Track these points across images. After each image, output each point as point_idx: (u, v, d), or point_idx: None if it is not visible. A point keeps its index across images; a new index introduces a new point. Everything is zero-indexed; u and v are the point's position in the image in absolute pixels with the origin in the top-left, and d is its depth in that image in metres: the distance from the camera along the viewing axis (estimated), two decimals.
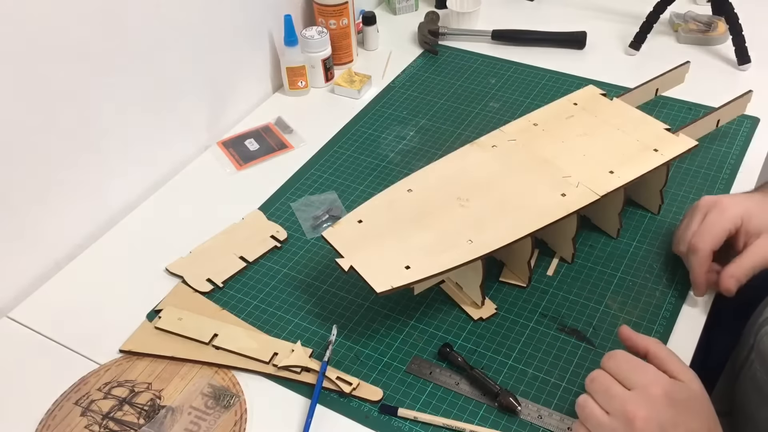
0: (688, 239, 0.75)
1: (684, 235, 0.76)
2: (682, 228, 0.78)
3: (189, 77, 1.00)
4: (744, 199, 0.75)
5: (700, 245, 0.74)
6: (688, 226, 0.76)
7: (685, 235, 0.76)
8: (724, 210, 0.73)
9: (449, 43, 1.25)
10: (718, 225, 0.73)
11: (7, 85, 0.76)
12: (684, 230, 0.77)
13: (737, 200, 0.74)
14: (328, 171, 0.99)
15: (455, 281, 0.81)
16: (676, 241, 0.79)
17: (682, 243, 0.77)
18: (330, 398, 0.71)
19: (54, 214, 0.86)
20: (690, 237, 0.75)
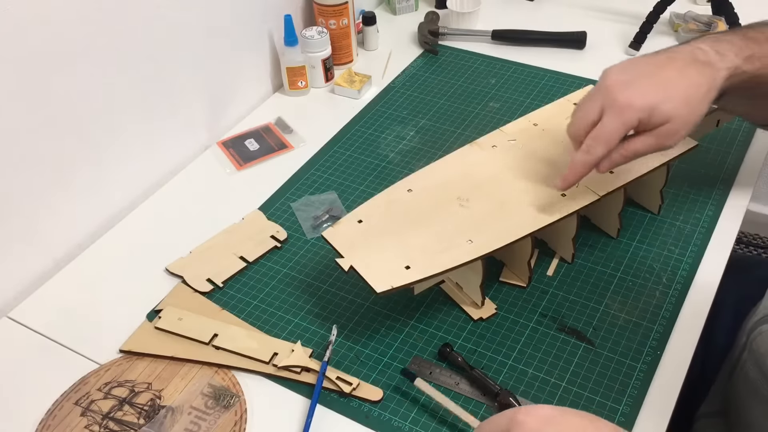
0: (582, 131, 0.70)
1: (578, 121, 0.70)
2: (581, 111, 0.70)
3: (189, 77, 1.00)
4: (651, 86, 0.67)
5: (592, 150, 0.69)
6: (584, 111, 0.70)
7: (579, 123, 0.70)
8: (622, 112, 0.67)
9: (449, 43, 1.25)
10: (613, 131, 0.67)
11: (8, 85, 0.76)
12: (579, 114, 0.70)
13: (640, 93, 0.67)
14: (328, 171, 0.99)
15: (455, 281, 0.81)
16: (571, 122, 0.72)
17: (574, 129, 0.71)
18: (330, 398, 0.71)
19: (54, 214, 0.86)
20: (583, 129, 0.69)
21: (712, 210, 0.88)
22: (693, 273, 0.81)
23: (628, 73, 0.69)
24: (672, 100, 0.67)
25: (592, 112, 0.69)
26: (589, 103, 0.69)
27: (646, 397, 0.70)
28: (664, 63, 0.69)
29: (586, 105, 0.70)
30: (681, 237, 0.85)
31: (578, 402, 0.70)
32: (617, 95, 0.67)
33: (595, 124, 0.69)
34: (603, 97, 0.68)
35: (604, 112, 0.68)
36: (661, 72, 0.68)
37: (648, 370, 0.72)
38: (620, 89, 0.67)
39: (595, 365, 0.73)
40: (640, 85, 0.67)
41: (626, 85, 0.67)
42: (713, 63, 0.69)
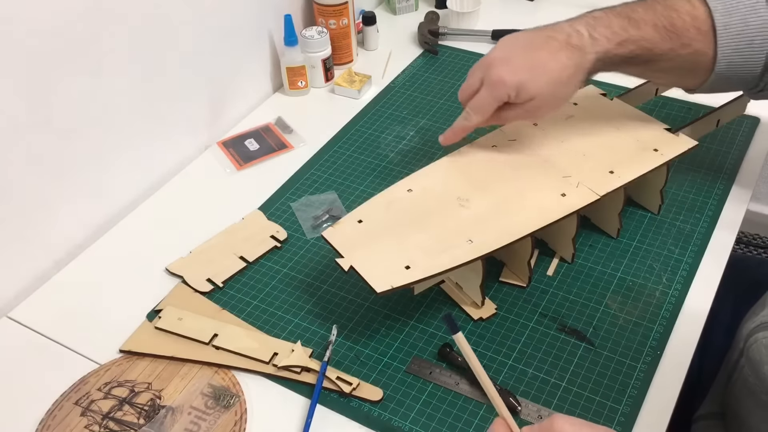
0: (465, 99, 0.79)
1: (463, 90, 0.79)
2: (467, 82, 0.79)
3: (189, 77, 1.00)
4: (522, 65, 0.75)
5: (469, 118, 0.78)
6: (468, 82, 0.78)
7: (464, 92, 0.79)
8: (494, 87, 0.75)
9: (449, 43, 1.25)
10: (487, 103, 0.76)
11: (8, 85, 0.76)
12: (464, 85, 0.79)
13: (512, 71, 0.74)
14: (328, 171, 0.99)
15: (455, 281, 0.81)
16: (461, 90, 0.80)
17: (461, 97, 0.80)
18: (330, 398, 0.71)
19: (54, 214, 0.86)
20: (466, 97, 0.79)
21: (712, 210, 0.88)
22: (693, 273, 0.81)
23: (509, 50, 0.76)
24: (538, 80, 0.74)
25: (475, 81, 0.78)
26: (475, 72, 0.78)
27: (646, 397, 0.70)
28: (541, 44, 0.75)
29: (472, 74, 0.78)
30: (681, 237, 0.85)
31: (578, 402, 0.70)
32: (492, 71, 0.75)
33: (477, 92, 0.77)
34: (483, 71, 0.76)
35: (482, 85, 0.77)
36: (536, 53, 0.75)
37: (648, 370, 0.72)
38: (497, 65, 0.75)
39: (595, 365, 0.73)
40: (514, 63, 0.75)
41: (503, 62, 0.75)
42: (584, 47, 0.74)
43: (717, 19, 0.73)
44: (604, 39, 0.74)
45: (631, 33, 0.74)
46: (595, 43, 0.74)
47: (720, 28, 0.74)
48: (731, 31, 0.74)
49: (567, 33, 0.75)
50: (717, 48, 0.74)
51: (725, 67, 0.75)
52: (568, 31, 0.75)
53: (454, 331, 0.57)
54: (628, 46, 0.75)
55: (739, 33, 0.74)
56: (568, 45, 0.74)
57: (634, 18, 0.75)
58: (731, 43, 0.74)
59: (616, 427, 0.67)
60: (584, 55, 0.74)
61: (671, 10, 0.75)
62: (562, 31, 0.76)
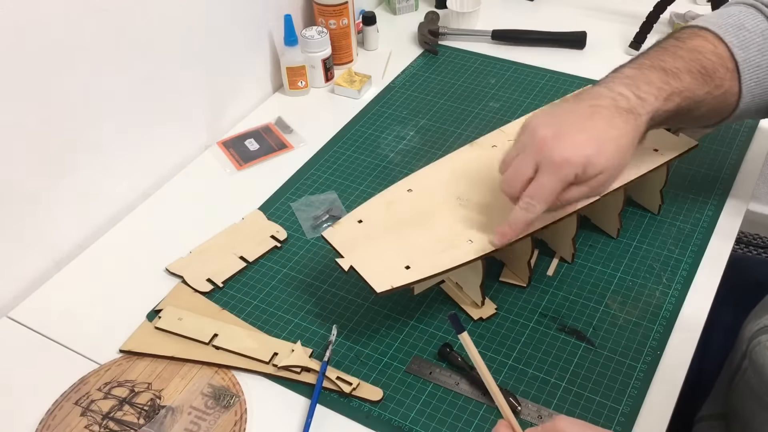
0: (519, 190, 0.68)
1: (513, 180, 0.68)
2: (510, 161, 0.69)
3: (189, 77, 1.00)
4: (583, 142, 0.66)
5: (532, 209, 0.67)
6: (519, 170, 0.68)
7: (515, 181, 0.68)
8: (559, 169, 0.65)
9: (449, 43, 1.25)
10: (552, 189, 0.66)
11: (8, 86, 0.76)
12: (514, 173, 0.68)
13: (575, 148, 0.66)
14: (328, 171, 0.99)
15: (455, 281, 0.81)
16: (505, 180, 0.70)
17: (510, 189, 0.69)
18: (330, 398, 0.71)
19: (54, 214, 0.86)
20: (520, 187, 0.68)
21: (712, 210, 0.88)
22: (693, 273, 0.81)
23: (557, 126, 0.67)
24: (605, 153, 0.66)
25: (527, 168, 0.67)
26: (523, 159, 0.68)
27: (646, 397, 0.70)
28: (590, 113, 0.68)
29: (519, 162, 0.68)
30: (681, 237, 0.85)
31: (578, 402, 0.70)
32: (552, 152, 0.66)
33: (530, 180, 0.67)
34: (536, 154, 0.67)
35: (539, 169, 0.67)
36: (590, 123, 0.67)
37: (648, 370, 0.72)
38: (554, 145, 0.66)
39: (595, 365, 0.73)
40: (572, 139, 0.66)
41: (559, 140, 0.66)
42: (635, 109, 0.68)
43: (737, 54, 0.72)
44: (651, 97, 0.69)
45: (673, 86, 0.70)
46: (645, 103, 0.69)
47: (741, 63, 0.72)
48: (751, 64, 0.72)
49: (611, 98, 0.68)
50: (741, 83, 0.72)
51: (750, 100, 0.73)
52: (610, 95, 0.69)
53: (459, 331, 0.57)
54: (674, 100, 0.70)
55: (758, 65, 0.72)
56: (619, 110, 0.68)
57: (670, 69, 0.70)
58: (753, 77, 0.72)
59: (616, 428, 0.67)
60: (638, 117, 0.68)
61: (696, 53, 0.71)
62: (604, 97, 0.69)
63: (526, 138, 0.69)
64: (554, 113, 0.70)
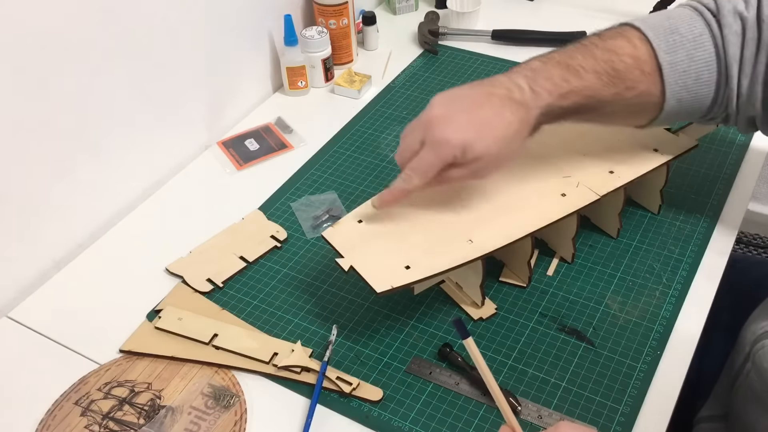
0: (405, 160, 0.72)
1: (402, 150, 0.72)
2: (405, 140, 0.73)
3: (189, 77, 1.00)
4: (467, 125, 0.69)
5: (410, 181, 0.71)
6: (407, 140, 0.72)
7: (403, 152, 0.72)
8: (439, 148, 0.69)
9: (449, 43, 1.25)
10: (430, 164, 0.69)
11: (7, 85, 0.76)
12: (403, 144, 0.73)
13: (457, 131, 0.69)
14: (328, 171, 0.99)
15: (455, 281, 0.81)
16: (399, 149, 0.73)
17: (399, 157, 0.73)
18: (330, 398, 0.71)
19: (54, 214, 0.86)
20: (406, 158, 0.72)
21: (712, 210, 0.88)
22: (693, 273, 0.81)
23: (448, 108, 0.71)
24: (484, 140, 0.69)
25: (415, 142, 0.71)
26: (413, 133, 0.72)
27: (646, 397, 0.70)
28: (482, 100, 0.70)
29: (410, 135, 0.72)
30: (681, 237, 0.85)
31: (578, 402, 0.70)
32: (435, 132, 0.69)
33: (417, 153, 0.71)
34: (424, 130, 0.70)
35: (424, 146, 0.70)
36: (479, 110, 0.70)
37: (648, 370, 0.72)
38: (440, 125, 0.69)
39: (595, 365, 0.73)
40: (458, 121, 0.69)
41: (446, 121, 0.69)
42: (527, 102, 0.70)
43: (662, 58, 0.70)
44: (545, 92, 0.70)
45: (573, 84, 0.70)
46: (537, 98, 0.70)
47: (666, 66, 0.71)
48: (677, 68, 0.71)
49: (507, 88, 0.70)
50: (665, 87, 0.71)
51: (675, 104, 0.72)
52: (507, 85, 0.70)
53: (464, 336, 0.57)
54: (571, 98, 0.71)
55: (685, 70, 0.71)
56: (511, 100, 0.69)
57: (574, 66, 0.71)
58: (679, 81, 0.71)
59: (616, 428, 0.67)
60: (528, 111, 0.70)
61: (611, 53, 0.71)
62: (501, 86, 0.71)
63: (422, 114, 0.72)
64: (453, 95, 0.73)
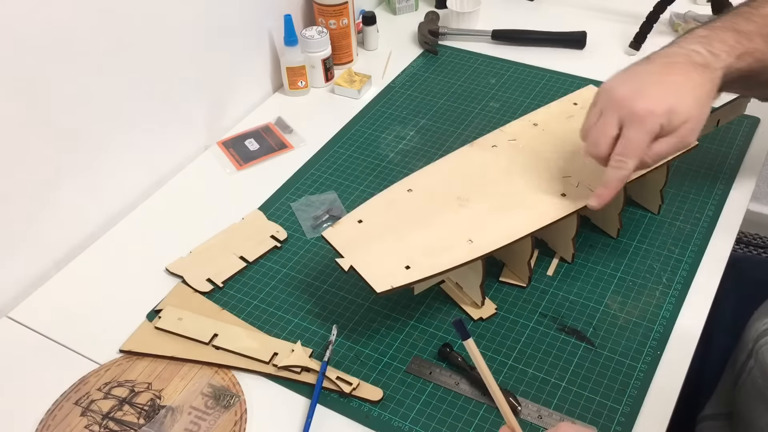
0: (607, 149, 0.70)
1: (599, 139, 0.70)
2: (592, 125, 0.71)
3: (189, 77, 1.00)
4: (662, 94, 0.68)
5: (624, 166, 0.69)
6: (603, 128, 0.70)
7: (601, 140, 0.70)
8: (644, 122, 0.67)
9: (449, 43, 1.25)
10: (641, 141, 0.68)
11: (7, 85, 0.76)
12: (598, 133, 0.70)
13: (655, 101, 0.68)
14: (328, 171, 0.99)
15: (455, 281, 0.81)
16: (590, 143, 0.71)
17: (598, 149, 0.70)
18: (330, 398, 0.71)
19: (54, 214, 0.86)
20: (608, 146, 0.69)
21: (712, 210, 0.88)
22: (693, 273, 0.81)
23: (634, 84, 0.69)
24: (685, 102, 0.68)
25: (611, 127, 0.69)
26: (605, 119, 0.69)
27: (646, 397, 0.70)
28: (665, 69, 0.70)
29: (602, 123, 0.70)
30: (681, 237, 0.85)
31: (578, 402, 0.70)
32: (634, 106, 0.67)
33: (616, 138, 0.69)
34: (618, 110, 0.68)
35: (624, 125, 0.68)
36: (667, 78, 0.69)
37: (648, 370, 0.72)
38: (635, 100, 0.68)
39: (595, 365, 0.73)
40: (651, 92, 0.68)
41: (638, 94, 0.68)
42: (710, 64, 0.70)
43: None
44: (724, 53, 0.71)
45: (746, 45, 0.71)
46: (718, 59, 0.70)
47: None
48: None
49: (685, 54, 0.71)
50: None
51: None
52: (683, 52, 0.71)
53: (464, 337, 0.57)
54: (746, 59, 0.72)
55: None
56: (695, 64, 0.70)
57: (742, 31, 0.72)
58: None
59: (616, 428, 0.67)
60: (714, 71, 0.70)
61: None
62: (678, 55, 0.71)
63: (603, 101, 0.70)
64: (627, 74, 0.71)
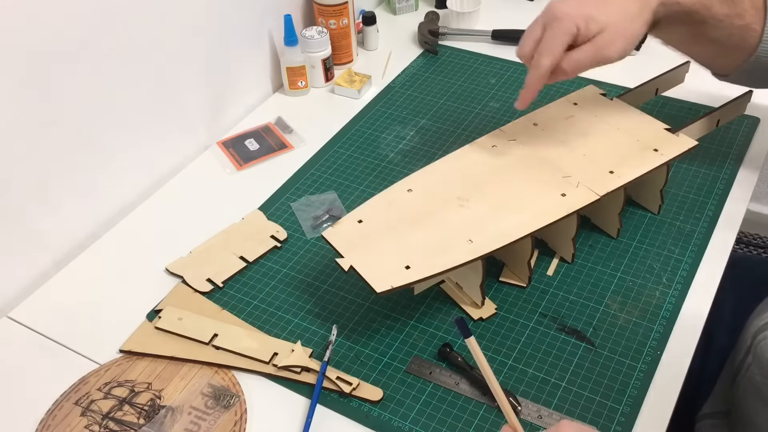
0: (529, 50, 0.75)
1: (523, 42, 0.76)
2: (526, 33, 0.77)
3: (189, 77, 1.00)
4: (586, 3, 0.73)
5: (538, 63, 0.74)
6: (528, 32, 0.76)
7: (524, 42, 0.76)
8: (561, 22, 0.72)
9: (449, 43, 1.25)
10: (555, 41, 0.73)
11: (8, 86, 0.76)
12: (524, 36, 0.76)
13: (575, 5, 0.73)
14: (328, 171, 0.99)
15: (455, 281, 0.81)
16: (520, 45, 0.77)
17: (521, 50, 0.76)
18: (330, 398, 0.71)
19: (54, 214, 0.86)
20: (529, 48, 0.75)
21: (712, 210, 0.88)
22: (693, 273, 0.81)
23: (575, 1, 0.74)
24: (605, 12, 0.72)
25: (536, 30, 0.75)
26: (533, 24, 0.76)
27: (646, 397, 0.70)
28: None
29: (530, 27, 0.76)
30: (681, 237, 0.85)
31: (578, 402, 0.70)
32: (555, 10, 0.73)
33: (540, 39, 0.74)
34: (544, 17, 0.74)
35: (545, 28, 0.74)
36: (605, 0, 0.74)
37: (648, 370, 0.72)
38: (559, 5, 0.73)
39: (595, 365, 0.73)
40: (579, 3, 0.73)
41: (564, 3, 0.73)
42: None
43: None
44: None
45: None
46: None
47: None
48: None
49: None
50: (765, 27, 0.73)
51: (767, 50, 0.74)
52: None
53: (466, 335, 0.57)
54: None
55: None
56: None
57: None
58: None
59: (616, 428, 0.67)
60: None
61: None
62: None
63: (542, 14, 0.76)
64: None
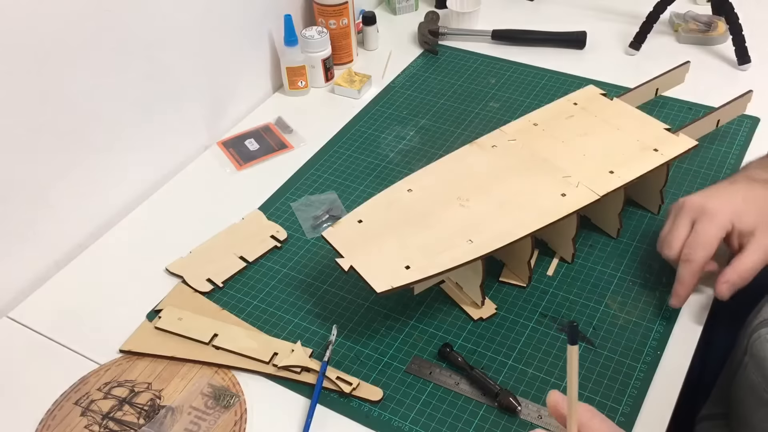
0: (678, 247, 0.74)
1: (672, 241, 0.75)
2: (668, 231, 0.76)
3: (189, 77, 1.00)
4: (729, 197, 0.74)
5: (693, 257, 0.72)
6: (675, 230, 0.75)
7: (674, 241, 0.74)
8: (714, 217, 0.72)
9: (449, 43, 1.25)
10: (710, 235, 0.72)
11: (8, 85, 0.76)
12: (672, 235, 0.75)
13: (724, 202, 0.73)
14: (328, 171, 0.99)
15: (455, 281, 0.81)
16: (664, 245, 0.76)
17: (671, 249, 0.75)
18: (330, 398, 0.71)
19: (54, 214, 0.86)
20: (679, 245, 0.74)
21: None
22: None
23: (706, 192, 0.76)
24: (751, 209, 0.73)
25: (684, 227, 0.74)
26: (678, 221, 0.75)
27: (646, 397, 0.70)
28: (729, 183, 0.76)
29: (675, 225, 0.75)
30: None
31: None
32: (705, 205, 0.73)
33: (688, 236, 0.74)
34: (691, 212, 0.74)
35: (695, 223, 0.73)
36: (732, 187, 0.75)
37: (648, 370, 0.72)
38: (706, 201, 0.73)
39: (595, 365, 0.73)
40: (721, 195, 0.74)
41: (710, 198, 0.74)
42: None
43: None
44: None
45: None
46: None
47: None
48: None
49: (745, 175, 0.77)
50: None
51: None
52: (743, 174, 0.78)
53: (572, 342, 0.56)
54: None
55: None
56: (755, 180, 0.76)
57: None
58: None
59: None
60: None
61: None
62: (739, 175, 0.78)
63: (677, 208, 0.76)
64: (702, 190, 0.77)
